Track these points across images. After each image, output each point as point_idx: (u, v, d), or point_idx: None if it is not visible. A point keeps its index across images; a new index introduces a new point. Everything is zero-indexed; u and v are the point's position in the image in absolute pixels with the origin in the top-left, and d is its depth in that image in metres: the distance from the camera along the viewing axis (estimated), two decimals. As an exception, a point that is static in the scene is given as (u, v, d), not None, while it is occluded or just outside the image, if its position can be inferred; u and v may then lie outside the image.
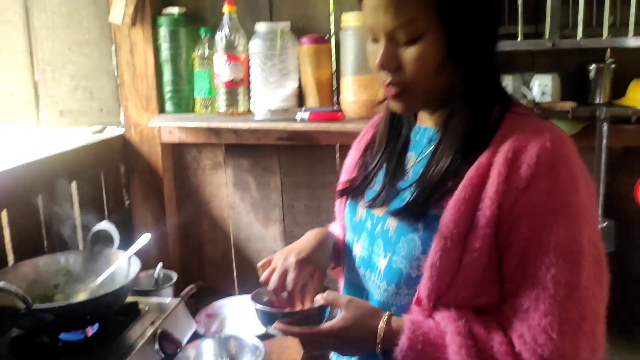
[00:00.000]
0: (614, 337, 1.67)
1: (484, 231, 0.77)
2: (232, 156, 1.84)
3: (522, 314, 0.76)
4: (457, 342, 0.76)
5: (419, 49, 0.80)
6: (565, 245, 0.75)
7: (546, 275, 0.74)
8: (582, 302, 0.75)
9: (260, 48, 1.64)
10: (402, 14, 0.78)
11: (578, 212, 0.76)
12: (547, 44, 1.38)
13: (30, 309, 1.07)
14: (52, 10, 1.69)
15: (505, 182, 0.76)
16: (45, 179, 1.50)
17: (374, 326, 0.82)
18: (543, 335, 0.74)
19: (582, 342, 0.74)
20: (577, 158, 0.80)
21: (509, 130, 0.81)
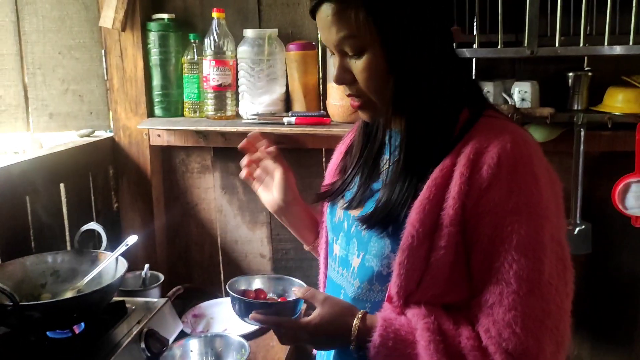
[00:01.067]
0: (592, 337, 1.71)
1: (449, 230, 0.80)
2: (219, 159, 1.87)
3: (488, 309, 0.78)
4: (426, 337, 0.79)
5: (364, 62, 0.84)
6: (526, 243, 0.77)
7: (509, 272, 0.77)
8: (544, 297, 0.77)
9: (248, 54, 1.68)
10: (342, 29, 0.83)
11: (539, 211, 0.78)
12: (527, 52, 1.43)
13: (17, 306, 1.09)
14: (43, 14, 1.72)
15: (468, 182, 0.79)
16: (34, 180, 1.51)
17: (349, 324, 0.85)
18: (507, 329, 0.76)
19: (546, 337, 0.77)
20: (540, 158, 0.83)
21: (474, 131, 0.83)
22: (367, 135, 0.99)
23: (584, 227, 1.55)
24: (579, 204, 1.54)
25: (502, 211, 0.78)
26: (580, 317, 1.70)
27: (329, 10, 0.83)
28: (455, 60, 0.91)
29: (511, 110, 1.47)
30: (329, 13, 0.83)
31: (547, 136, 1.54)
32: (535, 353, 0.76)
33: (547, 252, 0.78)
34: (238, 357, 1.36)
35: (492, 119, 0.87)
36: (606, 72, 1.56)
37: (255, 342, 1.47)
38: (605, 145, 1.55)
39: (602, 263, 1.67)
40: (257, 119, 1.65)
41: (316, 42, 1.71)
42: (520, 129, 0.85)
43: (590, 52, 1.45)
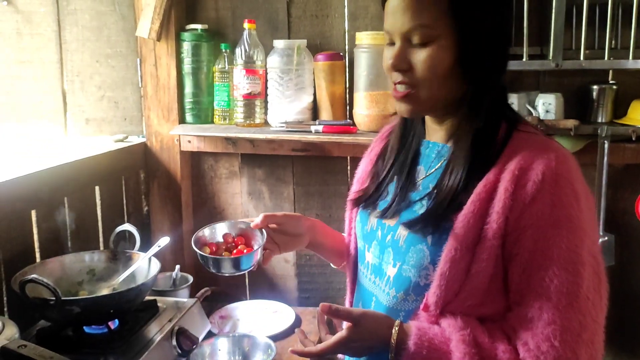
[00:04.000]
0: (615, 350, 1.71)
1: (491, 243, 0.82)
2: (247, 165, 1.92)
3: (527, 323, 0.80)
4: (462, 349, 0.81)
5: (430, 51, 0.84)
6: (567, 257, 0.79)
7: (549, 286, 0.79)
8: (582, 311, 0.78)
9: (278, 63, 1.73)
10: (419, 16, 0.83)
11: (579, 225, 0.80)
12: (552, 64, 1.45)
13: (59, 300, 1.14)
14: (83, 24, 1.79)
15: (512, 197, 0.81)
16: (71, 182, 1.58)
17: (387, 335, 0.86)
18: (546, 343, 0.77)
19: (582, 350, 0.78)
20: (579, 175, 0.85)
21: (515, 148, 0.85)
22: (402, 142, 1.00)
23: (607, 239, 1.56)
24: (602, 216, 1.55)
25: (544, 225, 0.80)
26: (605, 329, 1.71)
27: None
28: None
29: (535, 121, 1.50)
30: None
31: (570, 148, 1.56)
32: None
33: (586, 266, 0.80)
34: (264, 357, 1.40)
35: (531, 135, 0.88)
36: (631, 86, 1.58)
37: (281, 343, 1.51)
38: (629, 158, 1.56)
39: (625, 275, 1.67)
40: (285, 127, 1.70)
41: (343, 53, 1.76)
42: (561, 147, 0.88)
43: (615, 65, 1.47)
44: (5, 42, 1.75)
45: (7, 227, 1.35)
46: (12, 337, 1.09)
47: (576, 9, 1.50)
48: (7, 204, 1.35)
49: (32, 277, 1.14)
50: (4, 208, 1.34)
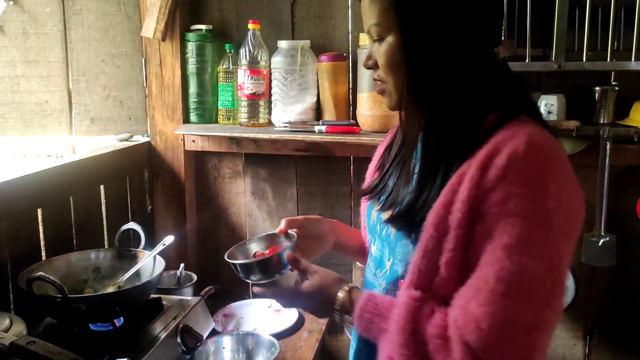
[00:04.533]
0: (614, 348, 1.72)
1: (456, 232, 0.80)
2: (251, 165, 1.93)
3: (463, 301, 0.78)
4: (400, 315, 0.82)
5: (382, 47, 0.89)
6: (513, 246, 0.75)
7: (490, 270, 0.76)
8: (520, 302, 0.75)
9: (282, 64, 1.74)
10: (371, 16, 0.89)
11: (537, 219, 0.76)
12: (554, 66, 1.46)
13: (65, 298, 1.16)
14: (89, 24, 1.81)
15: (476, 184, 0.78)
16: (77, 181, 1.59)
17: (334, 294, 0.94)
18: (473, 324, 0.75)
19: (513, 341, 0.75)
20: (557, 166, 0.80)
21: (494, 136, 0.82)
22: (403, 135, 1.00)
23: (608, 239, 1.57)
24: (603, 216, 1.56)
25: (499, 213, 0.77)
26: (603, 329, 1.72)
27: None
28: (486, 64, 0.88)
29: (538, 122, 1.51)
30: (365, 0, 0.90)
31: (572, 149, 1.57)
32: (496, 352, 0.75)
33: (536, 260, 0.76)
34: (268, 355, 1.41)
35: (519, 122, 0.84)
36: (633, 87, 1.58)
37: (284, 342, 1.52)
38: (631, 159, 1.57)
39: (626, 275, 1.68)
40: (289, 127, 1.71)
41: (347, 54, 1.77)
42: (543, 132, 0.82)
43: (617, 67, 1.48)
44: (12, 42, 1.76)
45: (13, 225, 1.37)
46: (21, 333, 1.10)
47: (579, 10, 1.50)
48: (14, 203, 1.36)
49: (39, 274, 1.15)
50: (11, 206, 1.35)
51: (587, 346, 1.76)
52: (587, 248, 1.58)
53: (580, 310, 1.73)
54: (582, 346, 1.76)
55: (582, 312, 1.73)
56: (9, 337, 1.05)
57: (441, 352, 0.78)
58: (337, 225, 1.19)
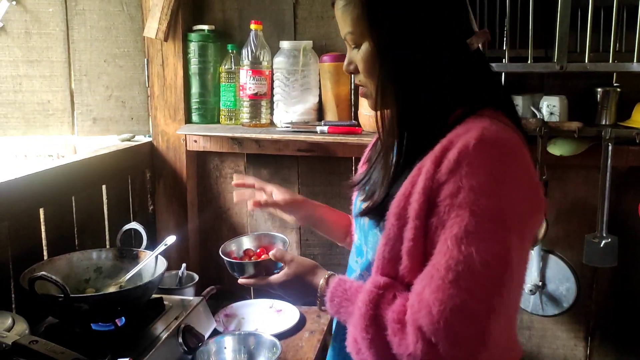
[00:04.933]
0: (616, 349, 1.72)
1: (414, 223, 0.85)
2: (253, 165, 1.94)
3: (419, 287, 0.82)
4: (364, 301, 0.88)
5: (359, 54, 0.94)
6: (461, 237, 0.79)
7: (442, 259, 0.80)
8: (469, 290, 0.78)
9: (284, 64, 1.74)
10: (345, 25, 0.94)
11: (486, 211, 0.80)
12: (556, 67, 1.46)
13: (67, 297, 1.16)
14: (91, 24, 1.81)
15: (431, 177, 0.83)
16: (79, 181, 1.60)
17: (314, 283, 1.00)
18: (425, 308, 0.79)
19: (461, 326, 0.78)
20: (508, 161, 0.83)
21: (453, 131, 0.86)
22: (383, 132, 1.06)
23: (610, 240, 1.57)
24: (605, 218, 1.56)
25: (450, 204, 0.81)
26: (605, 330, 1.72)
27: (339, 6, 0.94)
28: (456, 58, 0.92)
29: (539, 123, 1.51)
30: (338, 8, 0.94)
31: (574, 150, 1.57)
32: (445, 336, 0.78)
33: (483, 251, 0.79)
34: (270, 355, 1.41)
35: (478, 117, 0.87)
36: (635, 88, 1.58)
37: (286, 342, 1.52)
38: (633, 160, 1.57)
39: (627, 276, 1.68)
40: (291, 127, 1.71)
41: (349, 54, 1.77)
42: (498, 127, 0.85)
43: (619, 68, 1.48)
44: (14, 42, 1.76)
45: (15, 225, 1.37)
46: (23, 332, 1.11)
47: (581, 12, 1.50)
48: (16, 203, 1.36)
49: (41, 274, 1.15)
50: (13, 206, 1.36)
51: (589, 347, 1.76)
52: (588, 249, 1.58)
53: (581, 311, 1.73)
54: (584, 347, 1.76)
55: (583, 313, 1.73)
56: (12, 336, 1.05)
57: (397, 335, 0.83)
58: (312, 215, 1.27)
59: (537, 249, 1.67)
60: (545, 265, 1.69)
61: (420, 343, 0.80)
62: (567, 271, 1.68)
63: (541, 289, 1.69)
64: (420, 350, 0.79)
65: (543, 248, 1.68)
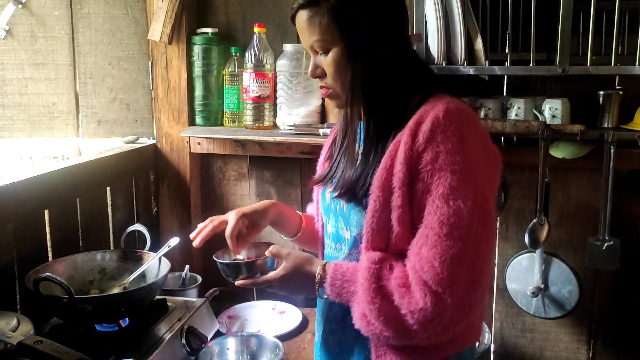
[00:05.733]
0: (619, 352, 1.72)
1: (401, 191, 0.94)
2: (256, 168, 1.95)
3: (417, 249, 0.92)
4: (365, 277, 0.95)
5: (329, 59, 1.02)
6: (448, 193, 0.91)
7: (434, 217, 0.91)
8: (463, 239, 0.89)
9: (287, 67, 1.75)
10: (313, 33, 1.01)
11: (463, 168, 0.92)
12: (558, 70, 1.46)
13: (72, 298, 1.17)
14: (96, 27, 1.83)
15: (410, 148, 0.94)
16: (83, 183, 1.61)
17: (312, 272, 1.04)
18: (427, 264, 0.90)
19: (462, 272, 0.89)
20: (471, 125, 0.96)
21: (420, 109, 0.98)
22: (345, 126, 1.13)
23: (612, 243, 1.56)
24: (607, 220, 1.55)
25: (432, 169, 0.92)
26: (607, 333, 1.72)
27: (303, 17, 1.01)
28: (409, 58, 1.06)
29: (541, 126, 1.51)
30: (303, 19, 1.01)
31: (577, 153, 1.57)
32: (449, 284, 0.88)
33: (468, 202, 0.91)
34: (272, 356, 1.42)
35: (437, 97, 1.00)
36: (637, 91, 1.59)
37: (288, 344, 1.53)
38: (635, 163, 1.57)
39: (630, 279, 1.68)
40: (294, 130, 1.72)
41: (352, 57, 1.78)
42: (457, 102, 0.99)
43: (621, 71, 1.48)
44: (20, 45, 1.78)
45: (20, 226, 1.38)
46: (28, 333, 1.12)
47: (583, 14, 1.51)
48: (21, 204, 1.38)
49: (46, 275, 1.16)
50: (18, 208, 1.37)
51: (591, 350, 1.76)
52: (591, 252, 1.58)
53: (584, 314, 1.73)
54: (586, 350, 1.76)
55: (586, 315, 1.73)
56: (17, 336, 1.06)
57: (405, 297, 0.91)
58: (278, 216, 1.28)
59: (540, 251, 1.67)
60: (547, 268, 1.69)
61: (428, 296, 0.88)
62: (569, 274, 1.68)
63: (544, 291, 1.69)
64: (430, 302, 0.88)
65: (546, 251, 1.68)
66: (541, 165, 1.53)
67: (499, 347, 1.83)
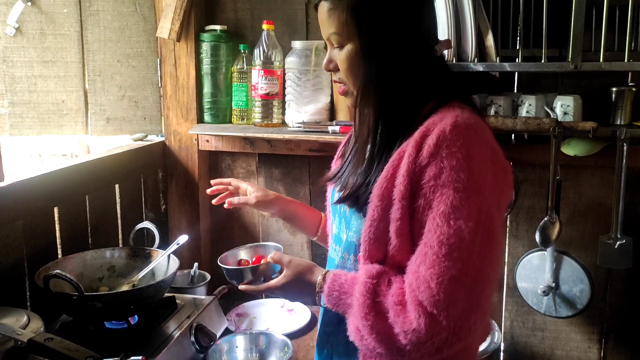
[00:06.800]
0: (631, 351, 1.70)
1: (401, 204, 0.92)
2: (264, 165, 1.94)
3: (415, 266, 0.90)
4: (361, 292, 0.94)
5: (343, 54, 1.00)
6: (449, 212, 0.87)
7: (433, 236, 0.88)
8: (463, 260, 0.86)
9: (296, 64, 1.75)
10: (331, 26, 0.99)
11: (467, 186, 0.88)
12: (570, 66, 1.44)
13: (82, 296, 1.17)
14: (105, 25, 1.83)
15: (414, 161, 0.91)
16: (92, 180, 1.61)
17: (313, 281, 1.04)
18: (424, 284, 0.87)
19: (460, 294, 0.86)
20: (479, 140, 0.92)
21: (429, 118, 0.95)
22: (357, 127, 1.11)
23: (624, 242, 1.55)
24: (620, 219, 1.54)
25: (434, 185, 0.89)
26: (619, 332, 1.71)
27: (324, 8, 0.99)
28: (429, 64, 1.02)
29: (553, 123, 1.49)
30: (324, 10, 0.99)
31: (589, 150, 1.56)
32: (445, 305, 0.85)
33: (470, 223, 0.87)
34: (281, 354, 1.42)
35: (448, 108, 0.96)
36: (651, 88, 1.56)
37: (297, 342, 1.53)
38: (649, 160, 1.55)
39: (643, 278, 1.66)
40: (303, 127, 1.71)
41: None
42: (467, 115, 0.94)
43: (634, 67, 1.46)
44: (29, 42, 1.78)
45: (30, 223, 1.39)
46: (38, 330, 1.12)
47: (596, 10, 1.49)
48: (31, 201, 1.38)
49: (56, 272, 1.17)
50: (28, 205, 1.37)
51: (603, 350, 1.74)
52: (603, 250, 1.56)
53: (595, 313, 1.71)
54: (597, 349, 1.74)
55: (597, 315, 1.72)
56: (27, 333, 1.06)
57: (400, 315, 0.89)
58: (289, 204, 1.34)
59: (551, 249, 1.65)
60: (559, 266, 1.67)
61: (422, 317, 0.86)
62: (581, 272, 1.66)
63: (554, 290, 1.68)
64: (424, 323, 0.86)
65: (557, 249, 1.67)
66: (552, 162, 1.51)
67: (509, 346, 1.81)
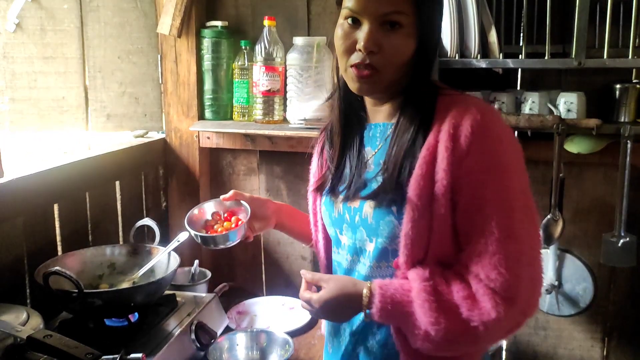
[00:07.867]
0: (634, 350, 1.69)
1: (445, 198, 0.91)
2: (265, 162, 1.93)
3: (476, 257, 0.90)
4: (422, 298, 0.91)
5: (398, 37, 0.93)
6: (498, 197, 0.90)
7: (489, 223, 0.89)
8: (519, 240, 0.89)
9: (297, 60, 1.73)
10: (392, 3, 0.92)
11: (506, 167, 0.91)
12: (574, 63, 1.43)
13: (81, 293, 1.16)
14: (105, 21, 1.82)
15: (452, 154, 0.91)
16: (93, 177, 1.60)
17: (358, 293, 0.96)
18: (494, 271, 0.88)
19: (523, 272, 0.89)
20: (502, 123, 0.96)
21: (444, 110, 0.95)
22: (345, 126, 1.08)
23: (628, 240, 1.53)
24: (623, 217, 1.53)
25: (477, 172, 0.90)
26: (622, 331, 1.70)
27: None
28: None
29: (556, 120, 1.48)
30: None
31: (592, 147, 1.54)
32: (517, 288, 0.88)
33: (517, 202, 0.91)
34: (282, 352, 1.41)
35: (452, 96, 0.98)
36: (655, 85, 1.55)
37: (298, 340, 1.52)
38: (653, 158, 1.54)
39: (646, 277, 1.65)
40: (304, 124, 1.70)
41: (363, 51, 1.76)
42: (481, 101, 1.00)
43: (639, 64, 1.45)
44: (30, 38, 1.77)
45: (30, 220, 1.38)
46: (38, 327, 1.11)
47: (600, 6, 1.48)
48: (31, 198, 1.37)
49: (56, 269, 1.16)
50: (28, 202, 1.36)
51: (605, 348, 1.73)
52: (606, 249, 1.55)
53: (598, 311, 1.70)
54: (600, 348, 1.73)
55: (600, 313, 1.71)
56: (27, 330, 1.05)
57: (474, 308, 0.88)
58: (282, 208, 1.27)
59: (554, 248, 1.64)
60: (561, 264, 1.66)
61: (500, 305, 0.87)
62: (584, 271, 1.65)
63: (557, 288, 1.67)
64: (503, 309, 0.87)
65: (560, 247, 1.66)
66: (556, 160, 1.50)
67: (512, 344, 1.80)
